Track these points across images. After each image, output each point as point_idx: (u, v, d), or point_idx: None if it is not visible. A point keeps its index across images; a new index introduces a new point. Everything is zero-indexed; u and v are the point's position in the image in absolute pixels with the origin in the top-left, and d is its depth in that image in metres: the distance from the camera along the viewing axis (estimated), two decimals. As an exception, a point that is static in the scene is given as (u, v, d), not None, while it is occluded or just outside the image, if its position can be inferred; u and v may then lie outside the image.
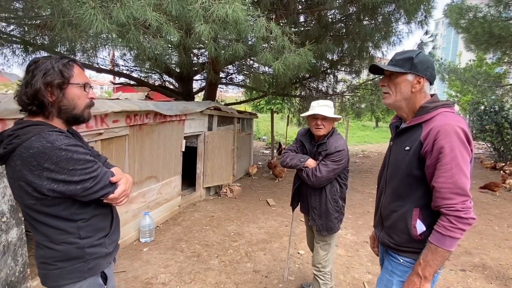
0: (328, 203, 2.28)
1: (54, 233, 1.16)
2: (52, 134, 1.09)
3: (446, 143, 1.20)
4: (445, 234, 1.19)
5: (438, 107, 1.31)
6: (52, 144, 1.06)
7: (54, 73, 1.13)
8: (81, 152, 1.13)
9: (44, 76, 1.12)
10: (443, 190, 1.21)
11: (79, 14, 2.86)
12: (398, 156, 1.40)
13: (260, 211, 5.01)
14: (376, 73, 1.54)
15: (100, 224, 1.27)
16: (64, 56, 1.21)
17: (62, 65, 1.16)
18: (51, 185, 1.07)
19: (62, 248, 1.17)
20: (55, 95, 1.15)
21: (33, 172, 1.06)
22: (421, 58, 1.35)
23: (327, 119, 2.23)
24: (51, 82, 1.12)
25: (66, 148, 1.08)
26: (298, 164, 2.31)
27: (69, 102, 1.18)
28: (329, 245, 2.41)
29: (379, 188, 1.58)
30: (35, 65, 1.14)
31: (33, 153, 1.05)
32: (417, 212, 1.33)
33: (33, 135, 1.07)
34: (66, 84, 1.16)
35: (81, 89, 1.21)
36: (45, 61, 1.14)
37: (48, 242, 1.17)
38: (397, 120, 1.55)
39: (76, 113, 1.21)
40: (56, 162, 1.06)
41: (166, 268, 3.18)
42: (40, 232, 1.17)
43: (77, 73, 1.20)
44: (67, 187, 1.09)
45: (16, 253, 2.32)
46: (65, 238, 1.17)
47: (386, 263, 1.51)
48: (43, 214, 1.13)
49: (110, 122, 3.24)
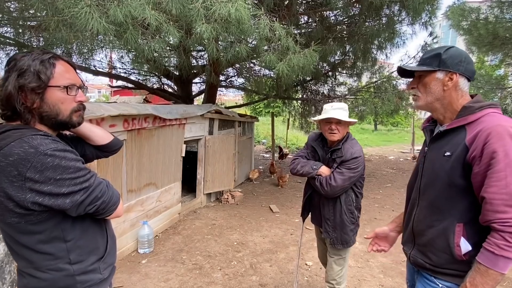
0: (343, 214, 2.10)
1: (39, 259, 0.98)
2: (35, 138, 0.92)
3: (500, 147, 1.03)
4: (499, 254, 1.01)
5: (484, 107, 1.15)
6: (36, 149, 0.89)
7: (30, 74, 0.95)
8: (71, 159, 0.95)
9: (17, 78, 0.94)
10: (495, 201, 1.03)
11: (74, 13, 2.70)
12: (436, 163, 1.23)
13: (263, 219, 4.82)
14: (404, 76, 1.40)
15: (93, 245, 1.09)
16: (47, 51, 1.01)
17: (41, 64, 0.97)
18: (35, 198, 0.90)
19: (49, 276, 0.99)
20: (32, 100, 0.97)
21: (13, 183, 0.89)
22: (451, 53, 1.20)
23: (341, 123, 2.05)
24: (23, 85, 0.94)
25: (53, 154, 0.91)
26: (311, 172, 2.13)
27: (51, 108, 0.99)
28: (344, 260, 2.23)
29: (410, 200, 1.40)
30: (13, 62, 0.96)
31: (13, 160, 0.88)
32: (460, 228, 1.15)
33: (13, 140, 0.90)
34: (43, 88, 0.97)
35: (64, 92, 1.01)
36: (23, 58, 0.96)
37: (31, 269, 0.99)
38: (430, 123, 1.38)
39: (61, 119, 1.02)
40: (40, 171, 0.89)
41: (167, 282, 2.98)
42: (23, 258, 1.00)
43: (60, 73, 1.01)
44: (54, 200, 0.92)
45: (4, 271, 2.13)
46: (53, 265, 0.99)
47: (419, 287, 1.33)
48: (27, 234, 0.96)
49: (107, 127, 3.06)
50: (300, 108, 8.96)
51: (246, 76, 8.05)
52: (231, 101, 16.10)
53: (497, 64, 11.46)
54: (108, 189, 1.06)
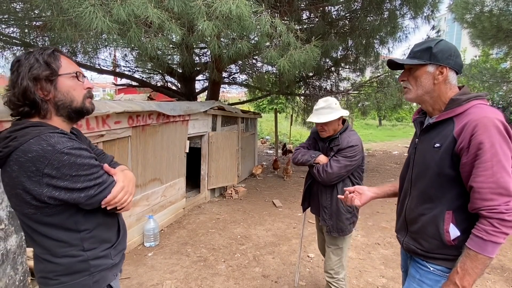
0: (339, 202, 2.17)
1: (55, 246, 1.05)
2: (53, 136, 0.98)
3: (486, 138, 1.08)
4: (487, 239, 1.07)
5: (471, 99, 1.19)
6: (53, 147, 0.95)
7: (40, 66, 1.01)
8: (85, 156, 1.02)
9: (29, 71, 1.00)
10: (483, 190, 1.08)
11: (78, 12, 2.77)
12: (426, 154, 1.28)
13: (266, 213, 4.89)
14: (394, 68, 1.42)
15: (105, 235, 1.15)
16: (47, 47, 1.09)
17: (47, 56, 1.03)
18: (51, 193, 0.97)
19: (64, 261, 1.06)
20: (46, 90, 1.03)
21: (31, 178, 0.95)
22: (441, 47, 1.23)
23: (325, 123, 2.14)
24: (38, 76, 1.01)
25: (69, 152, 0.97)
26: (309, 160, 2.23)
27: (65, 96, 1.06)
28: (341, 250, 2.29)
29: (402, 190, 1.45)
30: (18, 63, 1.02)
31: (31, 157, 0.94)
32: (450, 215, 1.21)
33: (32, 137, 0.96)
34: (56, 76, 1.04)
35: (74, 79, 1.08)
36: (27, 56, 1.03)
37: (48, 255, 1.06)
38: (420, 115, 1.43)
39: (76, 106, 1.09)
40: (57, 168, 0.95)
41: (172, 273, 3.07)
42: (40, 245, 1.06)
43: (66, 63, 1.08)
44: (69, 195, 0.99)
45: (16, 262, 2.22)
46: (68, 251, 1.06)
47: (413, 271, 1.38)
48: (43, 224, 1.02)
49: (112, 123, 3.14)
50: (303, 103, 8.98)
51: (248, 73, 8.09)
52: (235, 98, 16.15)
53: (501, 57, 11.34)
54: None
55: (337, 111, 2.14)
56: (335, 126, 2.19)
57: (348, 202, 1.62)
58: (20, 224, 1.09)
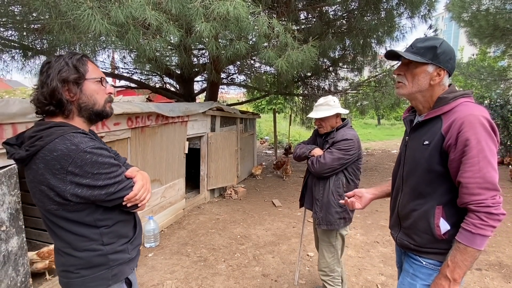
0: (330, 195, 2.22)
1: (76, 240, 1.10)
2: (76, 136, 1.05)
3: (472, 135, 1.11)
4: (475, 232, 1.10)
5: (457, 97, 1.22)
6: (77, 146, 1.02)
7: (69, 69, 1.09)
8: (106, 156, 1.08)
9: (59, 73, 1.07)
10: (470, 185, 1.12)
11: (76, 15, 2.78)
12: (416, 152, 1.31)
13: (266, 213, 4.91)
14: (392, 59, 1.41)
15: (123, 230, 1.21)
16: (76, 52, 1.17)
17: (76, 61, 1.11)
18: (74, 190, 1.02)
19: (85, 255, 1.12)
20: (73, 92, 1.10)
21: (56, 176, 1.01)
22: (445, 48, 1.24)
23: (323, 119, 2.24)
24: (67, 78, 1.08)
25: (91, 151, 1.03)
26: (305, 152, 2.33)
27: (88, 99, 1.14)
28: (333, 247, 2.31)
29: (394, 187, 1.48)
30: (48, 65, 1.09)
31: (57, 155, 1.00)
32: (440, 210, 1.24)
33: (57, 136, 1.02)
34: (83, 80, 1.12)
35: (98, 84, 1.16)
36: (58, 59, 1.10)
37: (69, 249, 1.11)
38: (410, 113, 1.45)
39: (98, 109, 1.17)
40: (80, 166, 1.01)
41: (172, 274, 3.09)
42: (61, 239, 1.11)
43: (92, 68, 1.16)
44: (91, 192, 1.04)
45: (17, 263, 2.24)
46: (88, 245, 1.12)
47: (406, 266, 1.41)
48: (65, 220, 1.08)
49: (111, 125, 3.16)
50: (302, 103, 9.00)
51: (247, 73, 8.11)
52: (233, 99, 16.16)
53: (499, 55, 11.38)
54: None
55: (334, 108, 2.19)
56: (332, 122, 2.25)
57: (349, 206, 1.64)
58: (42, 219, 1.14)
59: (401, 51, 1.30)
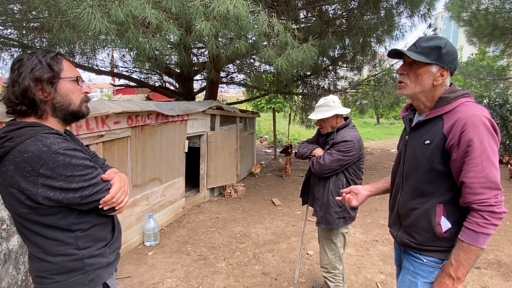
0: (329, 195, 2.23)
1: (50, 244, 1.05)
2: (49, 136, 0.99)
3: (475, 136, 1.12)
4: (479, 231, 1.12)
5: (458, 97, 1.22)
6: (49, 148, 0.97)
7: (43, 67, 1.03)
8: (80, 157, 1.03)
9: (32, 72, 1.02)
10: (474, 185, 1.13)
11: (76, 14, 2.78)
12: (417, 151, 1.31)
13: (265, 211, 4.92)
14: (394, 57, 1.40)
15: (100, 234, 1.16)
16: (50, 50, 1.11)
17: (50, 59, 1.06)
18: (46, 193, 0.98)
19: (59, 260, 1.06)
20: (47, 92, 1.04)
21: (27, 178, 0.96)
22: (449, 49, 1.23)
23: (323, 119, 2.25)
24: (40, 77, 1.02)
25: (64, 153, 0.98)
26: (306, 152, 2.35)
27: (63, 98, 1.08)
28: (334, 244, 2.33)
29: (394, 185, 1.49)
30: (20, 62, 1.03)
31: (27, 157, 0.95)
32: (441, 209, 1.25)
33: (28, 137, 0.97)
34: (57, 79, 1.06)
35: (74, 83, 1.11)
36: (30, 57, 1.04)
37: (43, 254, 1.06)
38: (409, 111, 1.45)
39: (73, 109, 1.11)
40: (52, 168, 0.96)
41: (173, 272, 3.09)
42: (34, 243, 1.06)
43: (67, 67, 1.10)
44: (64, 195, 1.00)
45: (18, 261, 2.24)
46: (62, 250, 1.06)
47: (407, 264, 1.41)
48: (37, 224, 1.03)
49: (111, 124, 3.16)
50: (301, 102, 9.01)
51: (246, 72, 8.11)
52: (233, 98, 16.12)
53: (498, 55, 11.40)
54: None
55: (334, 109, 2.19)
56: (332, 123, 2.26)
57: (346, 203, 1.65)
58: (14, 223, 1.09)
59: (406, 50, 1.28)
